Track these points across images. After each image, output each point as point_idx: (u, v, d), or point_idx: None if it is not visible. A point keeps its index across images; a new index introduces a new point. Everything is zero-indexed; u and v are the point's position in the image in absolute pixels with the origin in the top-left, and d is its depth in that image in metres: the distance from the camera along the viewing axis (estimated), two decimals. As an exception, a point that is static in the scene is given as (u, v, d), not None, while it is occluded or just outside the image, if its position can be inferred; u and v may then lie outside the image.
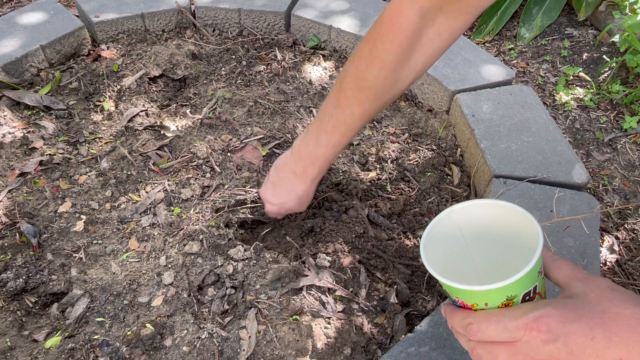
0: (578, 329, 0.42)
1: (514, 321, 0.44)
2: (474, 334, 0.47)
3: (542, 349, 0.43)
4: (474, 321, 0.47)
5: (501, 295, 0.46)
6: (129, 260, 0.99)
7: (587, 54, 1.74)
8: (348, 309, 0.93)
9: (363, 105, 0.76)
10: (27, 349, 0.86)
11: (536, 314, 0.43)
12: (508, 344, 0.46)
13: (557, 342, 0.42)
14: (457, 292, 0.49)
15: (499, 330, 0.45)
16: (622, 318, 0.41)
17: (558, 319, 0.43)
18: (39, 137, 1.22)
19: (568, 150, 1.15)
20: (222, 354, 0.85)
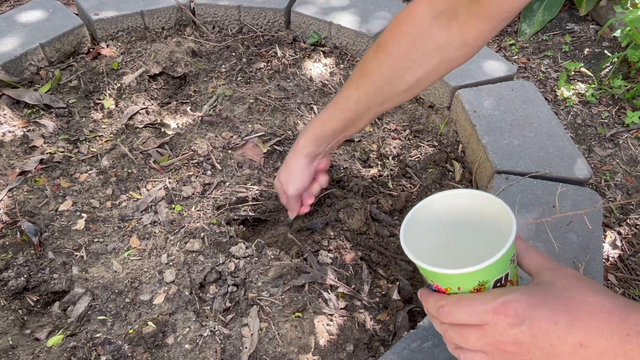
0: (543, 313, 0.44)
1: (483, 305, 0.46)
2: (445, 316, 0.49)
3: (508, 332, 0.45)
4: (446, 304, 0.49)
5: (473, 280, 0.48)
6: (131, 258, 0.99)
7: (589, 49, 1.74)
8: (350, 305, 0.92)
9: (361, 90, 0.75)
10: (29, 348, 0.86)
11: (504, 299, 0.45)
12: (477, 326, 0.47)
13: (522, 326, 0.44)
14: (432, 276, 0.51)
15: (469, 313, 0.47)
16: (584, 305, 0.43)
17: (525, 304, 0.45)
18: (39, 135, 1.22)
19: (570, 146, 1.14)
20: (224, 352, 0.85)
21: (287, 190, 0.91)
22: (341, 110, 0.79)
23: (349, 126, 0.81)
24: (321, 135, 0.84)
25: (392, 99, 0.76)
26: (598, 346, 0.42)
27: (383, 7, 1.59)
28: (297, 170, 0.88)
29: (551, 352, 0.44)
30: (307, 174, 0.89)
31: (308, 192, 0.95)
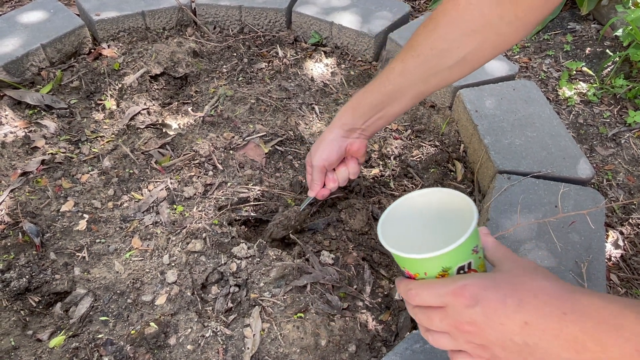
0: (494, 296, 0.48)
1: (444, 288, 0.50)
2: (412, 298, 0.54)
3: (464, 313, 0.49)
4: (414, 287, 0.54)
5: (437, 266, 0.52)
6: (132, 259, 0.99)
7: (590, 49, 1.73)
8: (352, 306, 0.92)
9: (406, 62, 0.73)
10: (31, 349, 0.86)
11: (462, 283, 0.49)
12: (440, 308, 0.52)
13: (476, 307, 0.48)
14: (402, 262, 0.55)
15: (432, 295, 0.52)
16: (531, 289, 0.48)
17: (479, 287, 0.49)
18: (40, 136, 1.22)
19: (572, 145, 1.14)
20: (226, 352, 0.85)
21: (312, 160, 0.87)
22: (383, 82, 0.76)
23: (389, 101, 0.77)
24: (359, 106, 0.80)
25: (438, 75, 0.73)
26: (540, 324, 0.46)
27: (384, 7, 1.59)
28: (327, 140, 0.85)
29: (501, 330, 0.47)
30: (336, 147, 0.85)
31: (333, 175, 0.90)
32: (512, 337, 0.47)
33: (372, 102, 0.79)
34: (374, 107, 0.79)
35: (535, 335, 0.46)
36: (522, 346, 0.47)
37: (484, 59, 0.72)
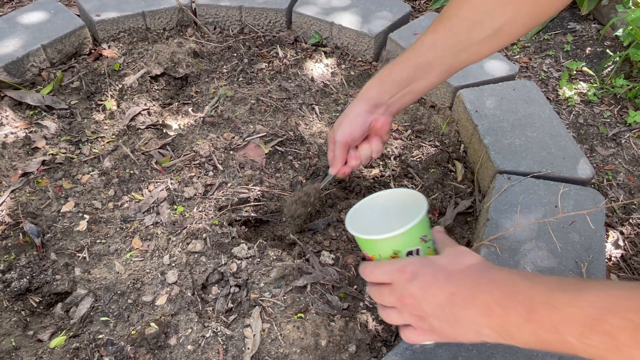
0: (429, 272, 0.57)
1: (391, 266, 0.59)
2: (367, 276, 0.63)
3: (406, 287, 0.57)
4: (369, 266, 0.63)
5: (389, 249, 0.62)
6: (133, 259, 0.99)
7: (590, 49, 1.73)
8: (353, 306, 0.92)
9: (437, 34, 0.72)
10: (32, 349, 0.86)
11: (405, 262, 0.59)
12: (389, 285, 0.60)
13: (415, 281, 0.56)
14: (362, 244, 0.65)
15: (382, 273, 0.60)
16: (459, 266, 0.57)
17: (418, 265, 0.58)
18: (41, 137, 1.22)
19: (572, 145, 1.14)
20: (226, 353, 0.85)
21: (335, 135, 0.84)
22: (412, 55, 0.75)
23: (417, 76, 0.76)
24: (386, 80, 0.78)
25: (469, 49, 0.72)
26: (462, 294, 0.54)
27: (384, 7, 1.59)
28: (351, 114, 0.82)
29: (434, 301, 0.55)
30: (360, 122, 0.82)
31: (355, 152, 0.87)
32: (442, 307, 0.55)
33: (400, 75, 0.76)
34: (401, 82, 0.77)
35: (458, 304, 0.53)
36: (449, 315, 0.54)
37: (517, 32, 0.70)
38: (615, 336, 0.42)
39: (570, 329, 0.45)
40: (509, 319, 0.50)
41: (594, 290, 0.45)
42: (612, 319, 0.42)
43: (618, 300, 0.43)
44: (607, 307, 0.43)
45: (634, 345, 0.41)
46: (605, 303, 0.43)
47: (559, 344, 0.46)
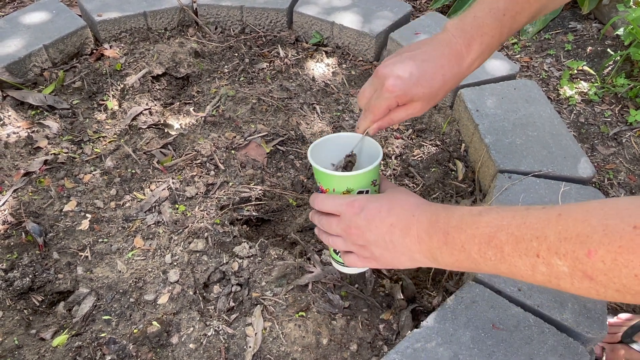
0: (373, 206, 0.64)
1: (341, 200, 0.66)
2: (317, 205, 0.69)
3: (353, 219, 0.64)
4: (319, 197, 0.69)
5: (343, 186, 0.69)
6: (135, 258, 0.99)
7: (591, 48, 1.73)
8: (354, 305, 0.92)
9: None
10: (35, 348, 0.86)
11: (354, 198, 0.65)
12: (337, 216, 0.67)
13: (361, 214, 0.63)
14: (319, 176, 0.70)
15: (331, 204, 0.67)
16: (400, 201, 0.64)
17: (365, 201, 0.64)
18: (43, 136, 1.23)
19: (573, 145, 1.14)
20: (228, 351, 0.86)
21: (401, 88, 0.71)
22: (481, 6, 0.71)
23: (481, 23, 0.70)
24: (459, 26, 0.72)
25: (531, 3, 0.70)
26: (399, 224, 0.61)
27: (385, 6, 1.59)
28: (426, 69, 0.70)
29: (376, 232, 0.62)
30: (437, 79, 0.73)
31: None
32: (383, 236, 0.62)
33: (463, 22, 0.72)
34: (463, 23, 0.72)
35: (396, 233, 0.61)
36: (389, 243, 0.62)
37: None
38: (502, 249, 0.50)
39: (473, 246, 0.53)
40: (432, 244, 0.58)
41: (492, 213, 0.53)
42: (500, 234, 0.50)
43: (505, 220, 0.51)
44: (498, 225, 0.51)
45: (515, 254, 0.49)
46: (497, 222, 0.51)
47: (467, 261, 0.55)
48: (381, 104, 0.71)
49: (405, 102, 0.71)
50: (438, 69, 0.69)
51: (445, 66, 0.70)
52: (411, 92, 0.69)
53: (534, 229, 0.47)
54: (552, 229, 0.46)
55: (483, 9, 0.71)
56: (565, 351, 0.80)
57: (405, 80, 0.68)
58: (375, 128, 0.75)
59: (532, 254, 0.47)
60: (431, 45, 0.71)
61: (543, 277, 0.48)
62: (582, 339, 0.82)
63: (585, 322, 0.83)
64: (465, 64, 0.72)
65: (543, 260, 0.46)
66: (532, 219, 0.49)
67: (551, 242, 0.45)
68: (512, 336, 0.81)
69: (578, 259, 0.43)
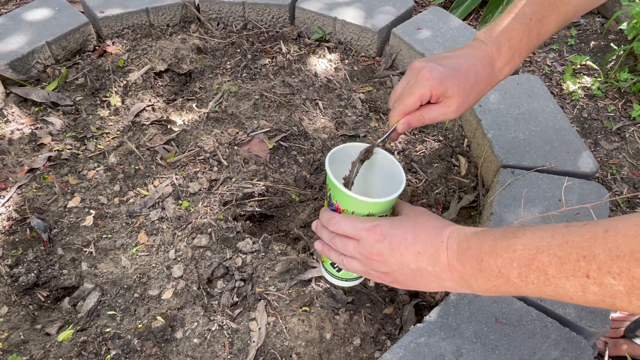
0: (397, 233, 0.61)
1: (361, 224, 0.63)
2: (332, 225, 0.65)
3: (374, 246, 0.62)
4: (337, 217, 0.66)
5: (365, 210, 0.66)
6: (139, 254, 1.00)
7: (595, 42, 1.73)
8: (357, 300, 0.93)
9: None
10: (40, 342, 0.87)
11: (375, 223, 0.62)
12: (355, 240, 0.64)
13: (384, 241, 0.61)
14: (338, 195, 0.66)
15: (350, 227, 0.64)
16: (423, 227, 0.61)
17: (387, 227, 0.62)
18: (46, 133, 1.23)
19: (576, 139, 1.14)
20: (232, 346, 0.86)
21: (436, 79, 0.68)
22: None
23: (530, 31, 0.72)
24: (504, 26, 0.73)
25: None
26: (427, 253, 0.59)
27: (387, 1, 1.59)
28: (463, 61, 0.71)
29: (400, 259, 0.60)
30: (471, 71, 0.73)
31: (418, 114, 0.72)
32: (409, 264, 0.60)
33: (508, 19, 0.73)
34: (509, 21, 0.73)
35: (423, 261, 0.59)
36: (415, 271, 0.60)
37: None
38: (545, 271, 0.48)
39: (511, 270, 0.51)
40: (465, 271, 0.56)
41: (528, 234, 0.51)
42: (541, 257, 0.48)
43: (545, 240, 0.49)
44: (537, 247, 0.49)
45: (561, 276, 0.47)
46: (535, 244, 0.49)
47: (507, 286, 0.52)
48: (413, 92, 0.68)
49: (439, 95, 0.68)
50: (471, 67, 0.71)
51: (478, 65, 0.71)
52: (446, 83, 0.67)
53: (579, 248, 0.45)
54: (600, 247, 0.44)
55: (510, 15, 0.74)
56: (568, 345, 0.80)
57: (441, 71, 0.68)
58: (405, 123, 0.70)
59: (580, 275, 0.45)
60: (463, 50, 0.74)
61: (596, 297, 0.45)
62: (585, 333, 0.83)
63: (588, 316, 0.83)
64: (497, 67, 0.74)
65: (594, 280, 0.44)
66: (575, 237, 0.46)
67: (602, 261, 0.43)
68: (515, 330, 0.82)
69: (635, 277, 0.41)
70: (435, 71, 0.67)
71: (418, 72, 0.68)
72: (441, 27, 1.49)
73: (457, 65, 0.70)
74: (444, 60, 0.70)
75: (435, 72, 0.67)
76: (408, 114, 0.70)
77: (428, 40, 1.44)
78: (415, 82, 0.69)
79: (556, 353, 0.79)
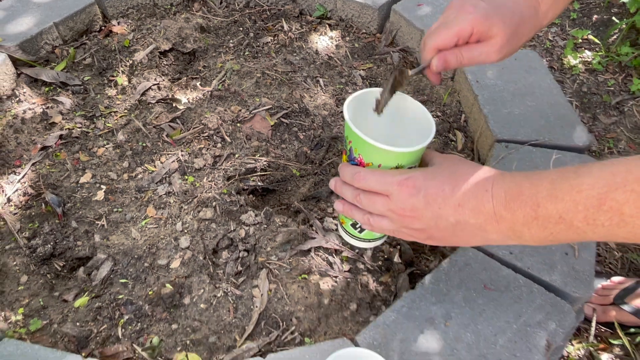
0: (433, 184, 0.56)
1: (391, 177, 0.57)
2: (358, 181, 0.60)
3: (408, 201, 0.57)
4: (362, 171, 0.60)
5: (393, 161, 0.59)
6: (148, 226, 1.05)
7: (597, 16, 1.72)
8: (354, 268, 0.98)
9: None
10: (58, 308, 0.93)
11: (407, 176, 0.57)
12: (384, 196, 0.58)
13: (419, 195, 0.56)
14: (362, 147, 0.60)
15: (378, 182, 0.58)
16: (463, 175, 0.56)
17: (421, 179, 0.57)
18: (57, 112, 1.28)
19: (570, 114, 1.16)
20: (236, 311, 0.92)
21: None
22: None
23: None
24: None
25: None
26: (469, 204, 0.54)
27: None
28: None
29: (438, 213, 0.56)
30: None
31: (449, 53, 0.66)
32: (447, 218, 0.55)
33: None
34: None
35: (465, 213, 0.55)
36: (455, 224, 0.55)
37: None
38: (620, 210, 0.44)
39: (576, 214, 0.46)
40: (517, 220, 0.51)
41: (595, 171, 0.46)
42: (615, 194, 0.44)
43: (619, 176, 0.44)
44: (609, 184, 0.44)
45: (639, 213, 0.43)
46: (606, 182, 0.45)
47: (567, 231, 0.48)
48: (452, 25, 0.61)
49: (481, 33, 0.61)
50: (516, 6, 0.64)
51: (523, 5, 0.65)
52: (491, 19, 0.61)
53: None
54: None
55: None
56: (552, 309, 0.84)
57: (485, 6, 0.61)
58: (441, 60, 0.62)
59: None
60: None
61: None
62: (569, 298, 0.87)
63: (573, 282, 0.88)
64: (542, 11, 0.68)
65: None
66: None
67: None
68: (502, 296, 0.86)
69: None
70: (479, 6, 0.61)
71: (460, 7, 0.62)
72: (441, 3, 1.50)
73: (502, 2, 0.63)
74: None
75: (480, 7, 0.61)
76: (444, 51, 0.63)
77: (428, 17, 1.45)
78: (455, 16, 0.62)
79: (540, 316, 0.83)
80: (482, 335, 0.81)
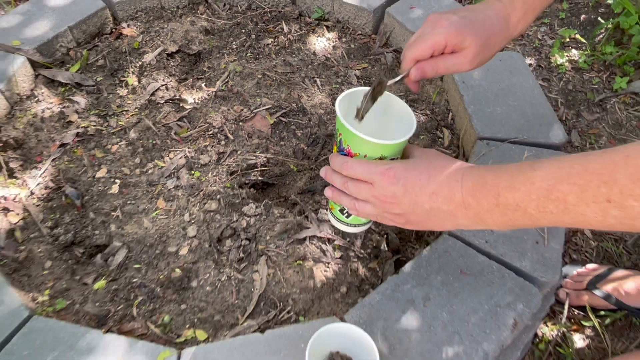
0: (411, 174, 0.62)
1: (375, 167, 0.64)
2: (346, 169, 0.66)
3: (389, 188, 0.63)
4: (350, 161, 0.67)
5: (377, 152, 0.66)
6: (158, 217, 1.16)
7: (585, 16, 1.79)
8: (345, 256, 1.08)
9: None
10: (80, 290, 1.04)
11: (389, 166, 0.64)
12: (368, 183, 0.65)
13: (398, 184, 0.63)
14: (350, 139, 0.67)
15: (364, 171, 0.65)
16: (438, 167, 0.62)
17: (401, 169, 0.63)
18: (73, 111, 1.38)
19: (549, 113, 1.25)
20: (238, 293, 1.02)
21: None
22: None
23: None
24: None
25: None
26: (442, 192, 0.61)
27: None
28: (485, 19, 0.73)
29: (415, 200, 0.62)
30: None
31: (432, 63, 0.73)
32: (422, 205, 0.62)
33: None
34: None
35: (438, 201, 0.61)
36: (429, 210, 0.62)
37: None
38: (565, 199, 0.50)
39: (529, 203, 0.53)
40: (481, 207, 0.58)
41: (546, 166, 0.53)
42: (561, 186, 0.50)
43: (564, 170, 0.50)
44: (556, 177, 0.51)
45: (581, 204, 0.49)
46: (554, 175, 0.51)
47: (523, 218, 0.54)
48: (427, 38, 0.68)
49: (455, 44, 0.69)
50: (487, 19, 0.72)
51: (494, 18, 0.73)
52: (464, 32, 0.68)
53: (599, 175, 0.47)
54: (621, 173, 0.46)
55: None
56: (520, 292, 0.94)
57: (458, 20, 0.69)
58: (418, 70, 0.70)
59: (601, 200, 0.47)
60: (477, 5, 0.75)
61: (615, 220, 0.47)
62: (537, 282, 0.96)
63: (541, 268, 0.97)
64: (512, 23, 0.75)
65: (615, 204, 0.46)
66: (595, 165, 0.48)
67: (623, 186, 0.45)
68: (476, 280, 0.96)
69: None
70: (452, 20, 0.69)
71: (435, 22, 0.70)
72: (433, 5, 1.58)
73: (474, 17, 0.71)
74: (460, 12, 0.72)
75: (453, 21, 0.69)
76: (421, 62, 0.70)
77: (420, 19, 1.53)
78: (431, 29, 0.70)
79: (510, 298, 0.93)
80: (457, 314, 0.91)
